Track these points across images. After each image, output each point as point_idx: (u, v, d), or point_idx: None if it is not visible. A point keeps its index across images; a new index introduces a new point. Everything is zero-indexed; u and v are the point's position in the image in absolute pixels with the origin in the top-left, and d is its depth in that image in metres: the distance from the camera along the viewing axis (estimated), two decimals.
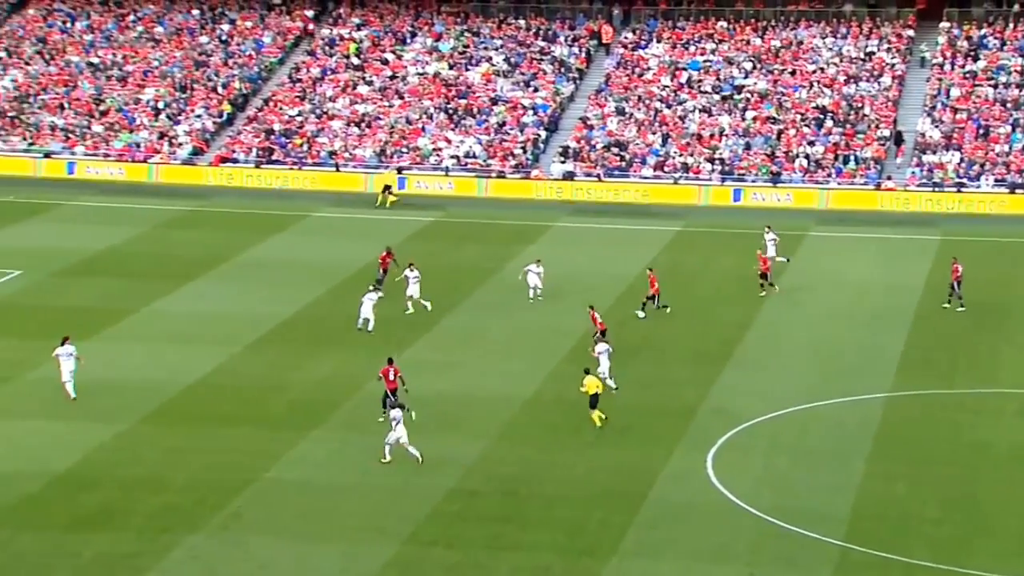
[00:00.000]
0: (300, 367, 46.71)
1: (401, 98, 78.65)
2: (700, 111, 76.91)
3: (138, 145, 75.74)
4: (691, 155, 74.33)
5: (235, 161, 74.83)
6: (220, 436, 40.90)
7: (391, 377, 42.46)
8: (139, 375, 45.71)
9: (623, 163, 74.29)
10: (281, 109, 78.08)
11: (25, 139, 75.70)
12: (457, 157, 74.81)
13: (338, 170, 74.02)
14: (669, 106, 77.53)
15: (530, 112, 77.56)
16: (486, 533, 35.80)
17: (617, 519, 36.58)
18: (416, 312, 52.12)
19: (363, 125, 76.89)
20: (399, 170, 73.76)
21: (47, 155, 74.62)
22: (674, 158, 74.22)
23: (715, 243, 64.04)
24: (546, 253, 62.30)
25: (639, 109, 77.46)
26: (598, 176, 73.63)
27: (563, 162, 74.45)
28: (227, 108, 78.15)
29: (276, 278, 56.92)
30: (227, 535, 35.21)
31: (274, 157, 74.78)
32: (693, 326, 52.34)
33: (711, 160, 73.86)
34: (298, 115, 77.65)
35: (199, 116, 77.74)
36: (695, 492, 38.19)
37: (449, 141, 75.79)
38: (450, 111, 77.63)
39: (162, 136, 76.24)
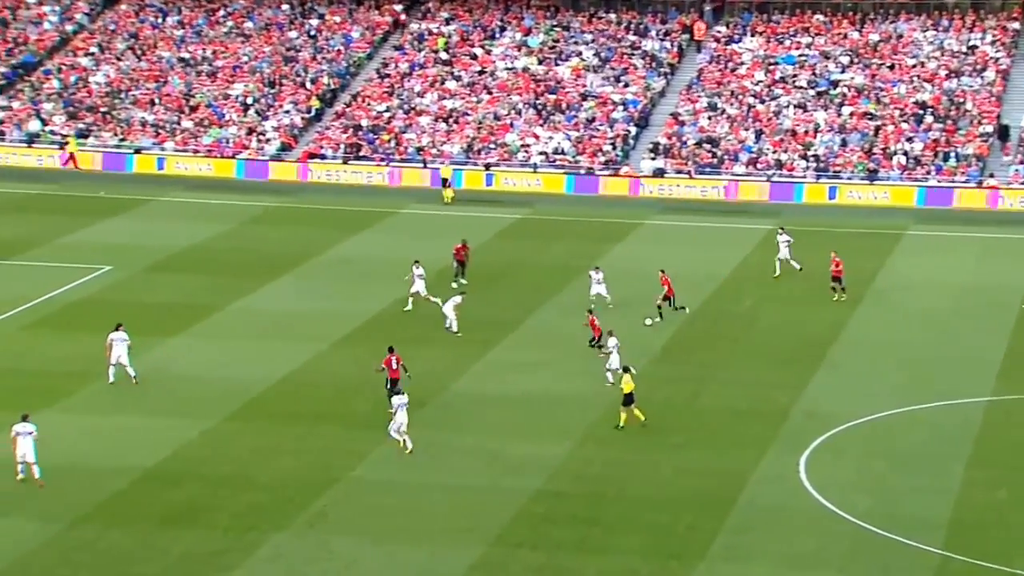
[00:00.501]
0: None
1: (489, 93, 78.88)
2: (795, 107, 76.28)
3: (227, 141, 76.69)
4: (785, 151, 73.75)
5: (323, 157, 75.52)
6: (306, 434, 41.32)
7: (394, 366, 42.90)
8: (226, 372, 46.31)
9: (715, 160, 73.90)
10: (369, 104, 78.67)
11: (116, 135, 76.99)
12: (545, 153, 74.86)
13: (425, 166, 74.42)
14: (763, 101, 76.98)
15: (620, 108, 77.42)
16: (572, 535, 35.85)
17: (706, 523, 36.44)
18: (415, 308, 51.99)
19: (451, 121, 77.23)
20: (487, 166, 73.97)
21: (137, 151, 75.84)
22: (767, 155, 73.69)
23: (809, 242, 63.42)
24: (635, 251, 62.29)
25: (732, 104, 76.99)
26: (689, 173, 73.31)
27: (653, 159, 74.21)
28: (315, 103, 78.90)
29: (362, 275, 57.38)
30: (312, 534, 35.59)
31: (361, 153, 75.35)
32: (785, 327, 51.95)
33: (805, 157, 73.23)
34: (386, 111, 78.18)
35: (287, 111, 78.56)
36: (787, 496, 37.93)
37: (537, 137, 75.87)
38: (539, 107, 77.72)
39: (250, 132, 77.15)
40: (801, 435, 41.75)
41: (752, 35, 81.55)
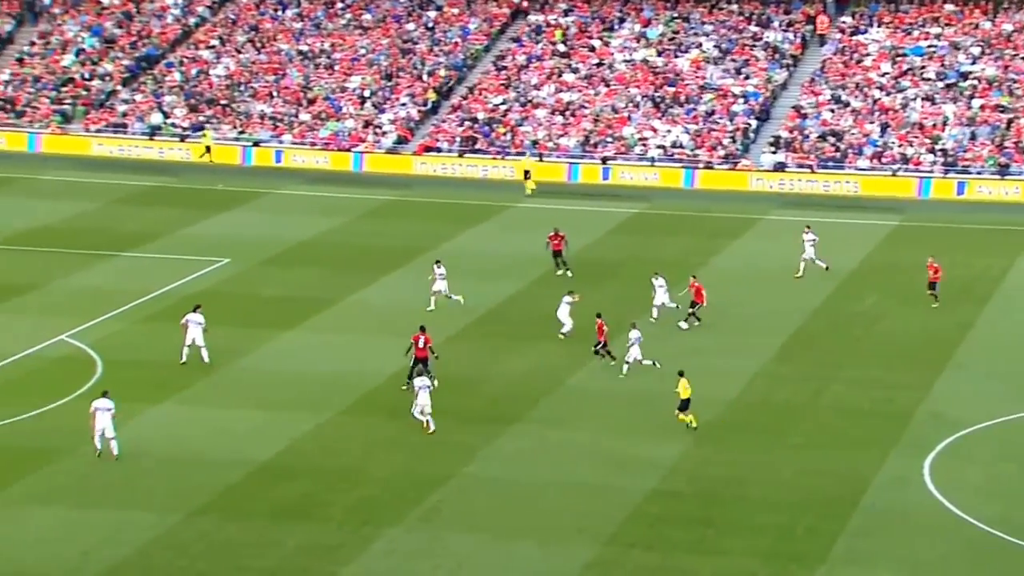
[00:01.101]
0: (499, 361, 47.21)
1: (607, 86, 78.70)
2: (922, 99, 75.00)
3: (343, 133, 77.51)
4: (911, 145, 72.53)
5: (438, 150, 75.96)
6: (420, 429, 41.58)
7: (420, 345, 43.58)
8: (340, 366, 46.81)
9: (838, 154, 72.94)
10: (485, 97, 78.94)
11: (235, 127, 78.20)
12: (663, 147, 74.52)
13: (541, 160, 74.48)
14: (889, 94, 75.80)
15: (740, 100, 76.76)
16: (688, 536, 35.69)
17: (826, 526, 36.05)
18: (437, 308, 51.56)
19: (567, 114, 77.20)
20: (603, 160, 73.83)
21: (256, 143, 76.96)
22: (893, 148, 72.57)
23: (936, 239, 62.36)
24: (754, 247, 61.74)
25: (856, 97, 75.93)
26: (811, 167, 72.46)
27: (774, 152, 73.47)
28: (432, 96, 79.38)
29: (477, 270, 57.60)
30: (426, 530, 35.85)
31: (477, 146, 75.65)
32: (909, 326, 51.15)
33: (933, 151, 71.96)
34: (502, 103, 78.40)
35: (404, 104, 79.15)
36: (911, 500, 37.38)
37: (655, 130, 75.54)
38: (657, 99, 77.38)
39: (367, 124, 77.86)
40: (926, 437, 41.10)
41: (878, 26, 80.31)
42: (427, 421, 40.95)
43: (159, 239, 61.61)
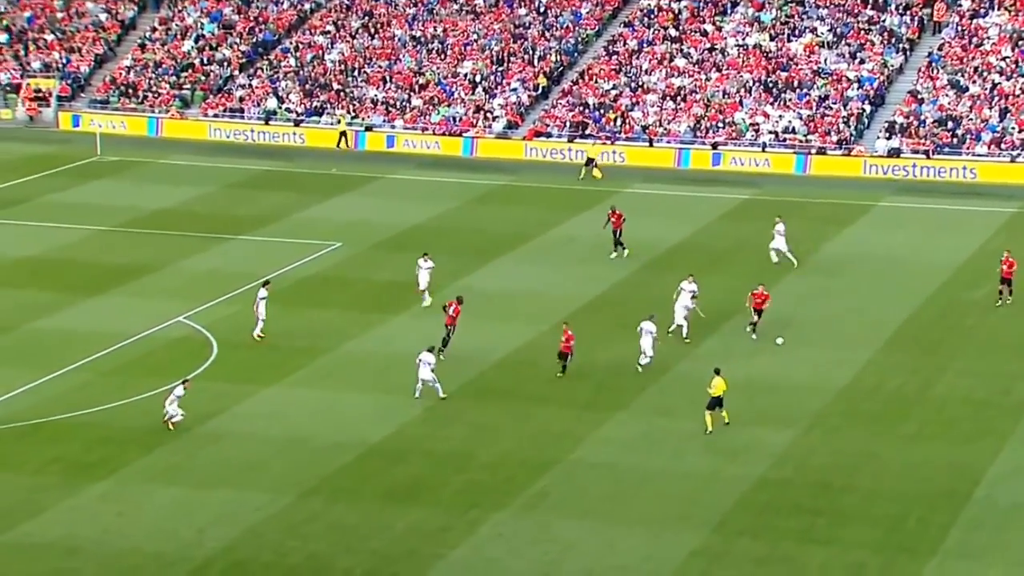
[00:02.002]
0: (608, 347, 47.09)
1: (719, 71, 78.01)
2: None
3: (455, 119, 77.77)
4: None
5: (548, 135, 75.90)
6: (527, 414, 41.68)
7: (451, 312, 44.60)
8: (449, 351, 46.95)
9: (954, 139, 71.58)
10: (596, 82, 78.67)
11: (349, 112, 78.85)
12: (775, 132, 73.70)
13: (651, 145, 74.08)
14: (1009, 78, 74.18)
15: (855, 85, 75.63)
16: (797, 525, 35.38)
17: (939, 518, 35.52)
18: (427, 304, 50.21)
19: (678, 99, 76.68)
20: (714, 145, 73.24)
21: (368, 128, 77.52)
22: (1012, 134, 71.02)
23: None
24: (867, 235, 60.86)
25: (975, 82, 74.42)
26: (927, 153, 71.19)
27: (889, 138, 72.32)
28: (542, 81, 79.31)
29: (584, 256, 57.50)
30: (533, 515, 35.93)
31: (587, 131, 75.45)
32: None
33: None
34: (613, 88, 78.08)
35: (515, 89, 79.17)
36: None
37: (767, 115, 74.72)
38: (770, 84, 76.52)
39: (478, 109, 78.03)
40: None
41: (999, 8, 78.57)
42: (436, 388, 41.97)
43: (273, 223, 62.35)
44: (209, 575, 33.10)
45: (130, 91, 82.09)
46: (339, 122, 76.89)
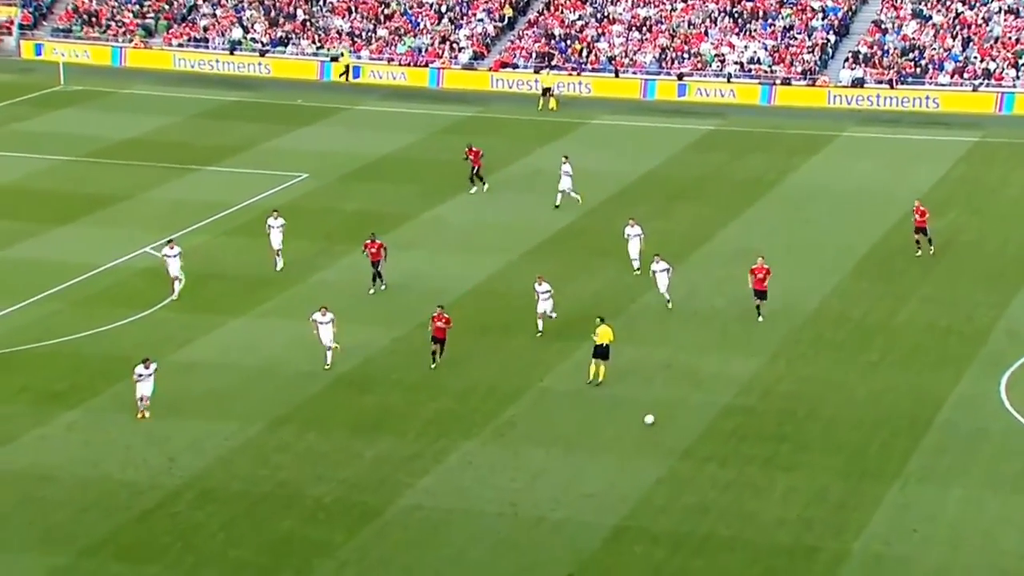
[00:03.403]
0: (574, 278, 46.97)
1: (685, 1, 77.44)
2: (1006, 12, 73.08)
3: (420, 49, 77.01)
4: (993, 60, 70.85)
5: (514, 66, 75.30)
6: (496, 344, 41.59)
7: (372, 250, 45.00)
8: (416, 281, 46.82)
9: (918, 70, 71.44)
10: (562, 13, 77.99)
11: (314, 43, 77.94)
12: (740, 63, 73.35)
13: (617, 76, 73.62)
14: (972, 8, 73.96)
15: (819, 15, 75.24)
16: (762, 452, 35.52)
17: (901, 443, 35.74)
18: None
19: (644, 29, 76.14)
20: (679, 76, 72.83)
21: (334, 59, 76.70)
22: (974, 64, 70.93)
23: (1016, 156, 61.08)
24: (832, 165, 60.81)
25: (938, 11, 74.17)
26: (890, 83, 71.05)
27: (853, 68, 72.10)
28: (508, 12, 78.55)
29: (552, 187, 57.16)
30: (501, 442, 35.93)
31: (553, 63, 74.87)
32: (987, 244, 50.25)
33: (1016, 65, 70.25)
34: (579, 19, 77.43)
35: (480, 20, 78.41)
36: (987, 418, 36.94)
37: (733, 46, 74.33)
38: (735, 15, 76.06)
39: (444, 40, 77.29)
40: (1003, 356, 40.52)
41: None
42: (328, 355, 39.43)
43: (240, 154, 61.77)
44: (179, 504, 32.99)
45: (93, 20, 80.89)
46: (342, 55, 75.93)
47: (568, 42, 75.95)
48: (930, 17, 73.94)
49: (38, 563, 30.45)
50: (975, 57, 71.31)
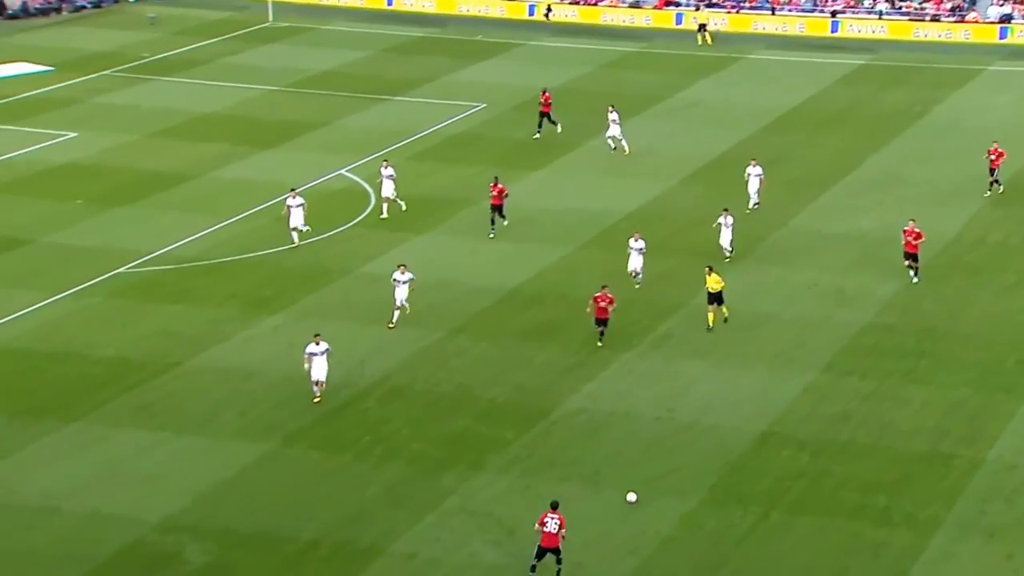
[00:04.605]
0: (728, 200, 46.26)
1: None
2: None
3: None
4: None
5: (677, 4, 73.98)
6: (655, 262, 41.34)
7: (492, 194, 43.01)
8: (580, 204, 46.72)
9: None
10: None
11: None
12: (891, 0, 70.92)
13: (774, 13, 71.88)
14: None
15: None
16: (901, 366, 34.89)
17: None
18: (391, 216, 44.79)
19: None
20: (832, 13, 70.74)
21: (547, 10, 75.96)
22: None
23: None
24: (975, 98, 58.71)
25: None
26: None
27: (1001, 4, 69.15)
28: None
29: (708, 119, 56.43)
30: (657, 354, 35.89)
31: (714, 1, 73.34)
32: None
33: None
34: None
35: None
36: None
37: None
38: None
39: None
40: None
41: None
42: (395, 315, 36.54)
43: (424, 85, 62.10)
44: (369, 401, 33.77)
45: None
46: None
47: None
48: None
49: (248, 449, 31.55)
50: None
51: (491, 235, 43.10)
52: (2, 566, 27.14)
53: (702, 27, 69.27)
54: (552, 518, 26.27)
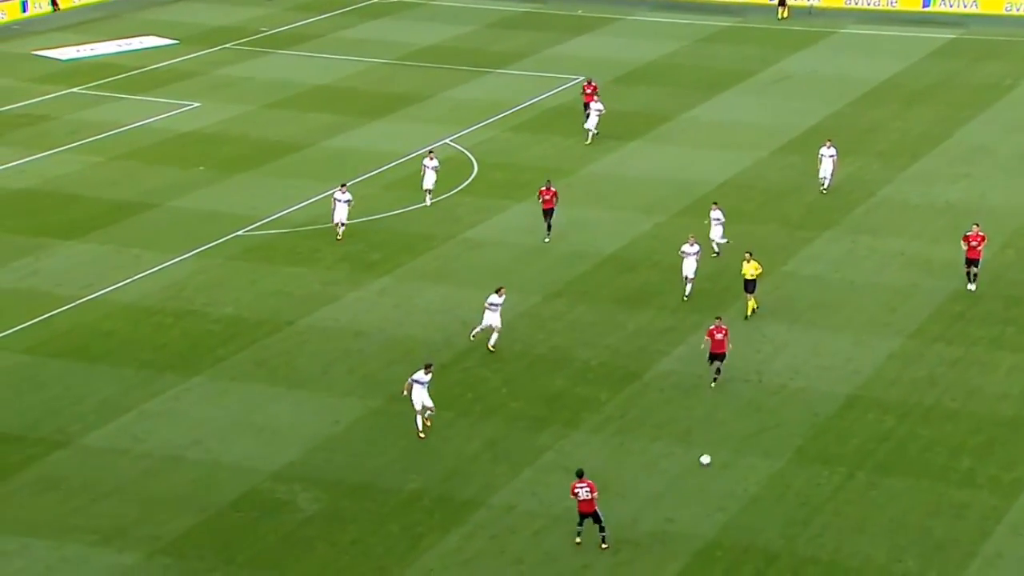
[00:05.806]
0: (818, 173, 45.57)
1: None
2: None
3: None
4: None
5: None
6: (744, 232, 40.85)
7: (547, 198, 39.89)
8: (675, 174, 46.29)
9: None
10: None
11: None
12: None
13: None
14: None
15: None
16: (988, 333, 34.16)
17: None
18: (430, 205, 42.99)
19: None
20: None
21: None
22: None
23: None
24: None
25: None
26: None
27: None
28: None
29: (801, 91, 55.49)
30: (748, 322, 35.44)
31: None
32: None
33: None
34: None
35: None
36: None
37: None
38: None
39: None
40: None
41: None
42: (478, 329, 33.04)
43: (525, 58, 61.87)
44: (469, 360, 33.89)
45: None
46: None
47: None
48: None
49: (358, 404, 31.87)
50: None
51: (546, 240, 40.08)
52: (128, 512, 27.78)
53: (782, 2, 67.99)
54: (582, 487, 26.10)
